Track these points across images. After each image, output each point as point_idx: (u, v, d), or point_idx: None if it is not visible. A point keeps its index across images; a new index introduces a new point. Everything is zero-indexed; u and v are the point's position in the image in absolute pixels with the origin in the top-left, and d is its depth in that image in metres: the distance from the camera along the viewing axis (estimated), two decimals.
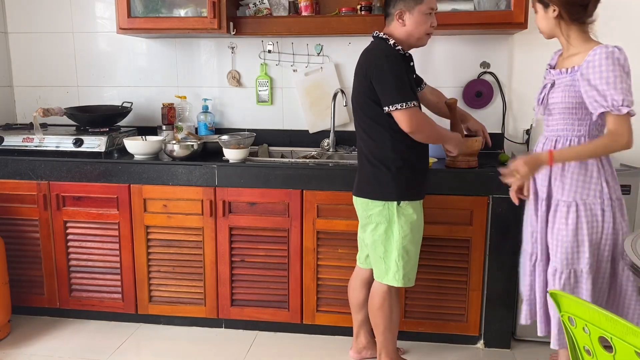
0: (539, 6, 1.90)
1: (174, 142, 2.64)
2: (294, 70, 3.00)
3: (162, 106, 3.04)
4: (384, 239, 2.12)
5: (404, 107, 1.97)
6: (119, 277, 2.70)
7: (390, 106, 1.99)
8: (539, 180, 1.93)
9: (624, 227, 1.88)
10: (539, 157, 1.84)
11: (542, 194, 1.92)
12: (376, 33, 2.12)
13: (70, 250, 2.72)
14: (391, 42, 2.05)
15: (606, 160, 1.87)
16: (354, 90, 2.15)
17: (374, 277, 2.21)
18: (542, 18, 1.91)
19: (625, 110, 1.73)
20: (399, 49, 2.05)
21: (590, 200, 1.84)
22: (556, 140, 1.90)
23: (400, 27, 2.06)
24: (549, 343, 2.54)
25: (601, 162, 1.85)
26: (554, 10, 1.84)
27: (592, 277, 1.86)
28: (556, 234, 1.89)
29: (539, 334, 2.02)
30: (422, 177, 2.17)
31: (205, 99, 3.05)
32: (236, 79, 3.06)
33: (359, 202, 2.18)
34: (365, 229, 2.18)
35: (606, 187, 1.84)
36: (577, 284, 1.89)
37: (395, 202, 2.08)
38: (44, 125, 2.95)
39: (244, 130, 3.02)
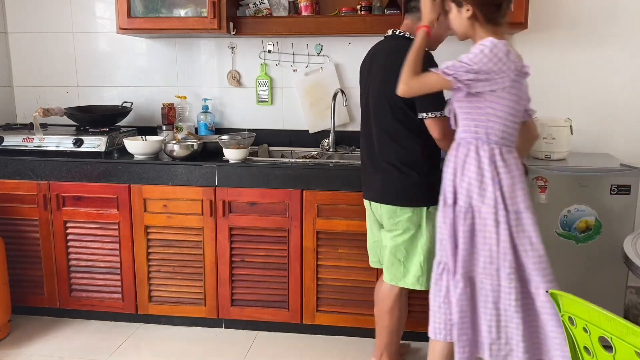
0: (452, 5, 1.81)
1: (174, 142, 2.64)
2: (294, 70, 3.00)
3: (162, 106, 3.04)
4: (408, 244, 2.08)
5: (441, 115, 1.94)
6: (119, 277, 2.70)
7: (429, 113, 1.93)
8: (446, 187, 1.86)
9: (525, 245, 1.75)
10: (429, 11, 1.84)
11: (449, 200, 1.84)
12: (398, 31, 2.05)
13: (70, 250, 2.72)
14: (432, 43, 2.01)
15: (504, 170, 1.76)
16: (377, 93, 2.05)
17: (386, 280, 2.17)
18: (455, 18, 1.83)
19: (441, 71, 1.70)
20: (426, 51, 2.00)
21: (484, 209, 1.76)
22: (459, 144, 1.83)
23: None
24: None
25: (497, 170, 1.75)
26: (468, 10, 1.77)
27: (486, 289, 1.78)
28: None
29: None
30: (440, 179, 2.16)
31: (205, 99, 3.05)
32: (236, 79, 3.06)
33: (384, 209, 2.10)
34: (387, 234, 2.13)
35: (500, 197, 1.74)
36: (474, 292, 1.83)
37: (425, 208, 2.05)
38: (44, 125, 2.95)
39: (244, 130, 3.02)
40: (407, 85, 1.78)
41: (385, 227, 2.14)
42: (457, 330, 1.83)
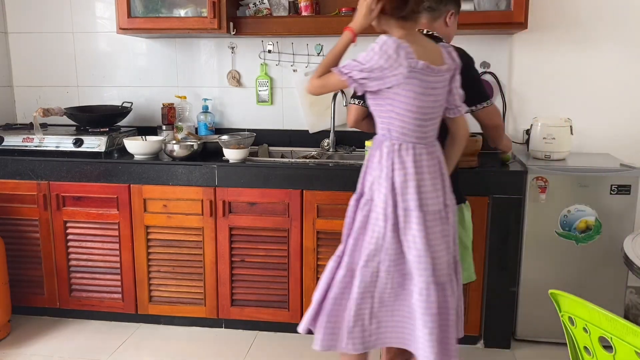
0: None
1: (174, 142, 2.64)
2: (294, 70, 3.00)
3: (162, 106, 3.04)
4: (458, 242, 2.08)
5: (489, 104, 2.05)
6: (119, 277, 2.70)
7: (484, 103, 2.04)
8: (359, 180, 1.87)
9: (409, 242, 1.73)
10: (362, 17, 1.78)
11: (357, 192, 1.85)
12: (426, 31, 2.05)
13: (70, 250, 2.72)
14: (445, 41, 2.03)
15: (399, 166, 1.75)
16: None
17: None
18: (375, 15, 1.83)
19: (338, 70, 1.71)
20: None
21: (379, 203, 1.76)
22: (374, 140, 1.83)
23: (444, 27, 2.05)
24: (549, 343, 2.56)
25: (393, 166, 1.75)
26: (377, 4, 1.76)
27: (365, 281, 1.77)
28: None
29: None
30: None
31: (205, 99, 3.05)
32: (236, 79, 3.06)
33: None
34: None
35: (391, 193, 1.74)
36: (350, 282, 1.81)
37: (463, 203, 2.09)
38: (44, 125, 2.95)
39: (244, 130, 3.02)
40: (311, 84, 1.81)
41: None
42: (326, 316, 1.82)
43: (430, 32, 2.06)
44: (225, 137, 2.68)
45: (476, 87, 2.04)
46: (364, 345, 1.80)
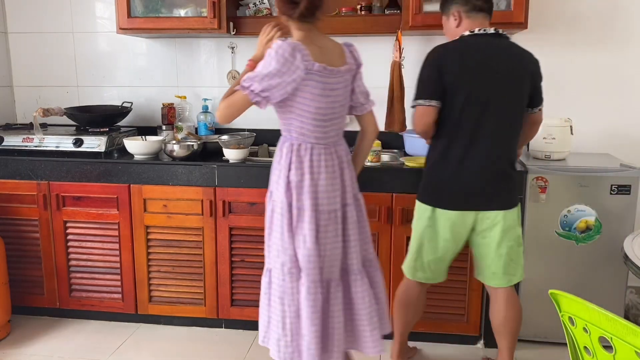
0: None
1: (174, 142, 2.64)
2: None
3: (162, 106, 3.04)
4: (517, 241, 2.09)
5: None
6: (119, 277, 2.70)
7: (542, 103, 2.12)
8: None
9: (300, 242, 1.76)
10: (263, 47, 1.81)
11: (268, 193, 1.88)
12: (501, 30, 2.05)
13: (70, 250, 2.72)
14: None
15: (295, 165, 1.77)
16: (506, 96, 1.99)
17: (508, 284, 2.11)
18: None
19: (240, 86, 1.73)
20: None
21: (277, 203, 1.79)
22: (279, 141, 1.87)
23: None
24: (548, 343, 2.56)
25: (290, 166, 1.77)
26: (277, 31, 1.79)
27: (276, 283, 1.79)
28: None
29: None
30: None
31: (205, 99, 3.04)
32: (236, 79, 3.06)
33: (500, 215, 2.03)
34: (501, 238, 2.06)
35: (286, 192, 1.76)
36: (270, 284, 1.84)
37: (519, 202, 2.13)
38: (44, 125, 2.95)
39: (244, 130, 3.02)
40: (219, 109, 1.80)
41: (503, 231, 2.06)
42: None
43: (504, 32, 2.08)
44: (225, 137, 2.68)
45: (541, 90, 2.11)
46: (286, 357, 1.81)
